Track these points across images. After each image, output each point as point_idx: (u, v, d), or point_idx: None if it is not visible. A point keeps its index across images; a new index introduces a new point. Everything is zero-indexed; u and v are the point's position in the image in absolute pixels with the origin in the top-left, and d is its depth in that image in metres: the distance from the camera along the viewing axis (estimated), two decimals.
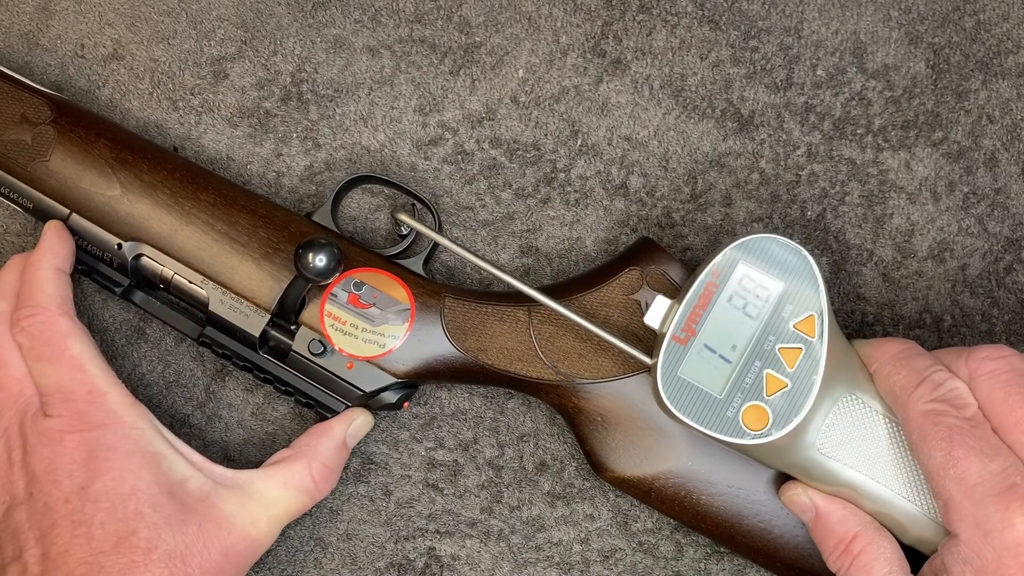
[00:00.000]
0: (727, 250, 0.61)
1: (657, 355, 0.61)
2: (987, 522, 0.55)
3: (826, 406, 0.61)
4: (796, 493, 0.63)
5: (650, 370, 0.62)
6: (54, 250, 0.66)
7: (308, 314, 0.66)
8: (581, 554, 0.70)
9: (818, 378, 0.60)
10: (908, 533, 0.62)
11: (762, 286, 0.61)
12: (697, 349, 0.61)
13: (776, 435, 0.60)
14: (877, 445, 0.61)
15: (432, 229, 0.67)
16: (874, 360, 0.62)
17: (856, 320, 0.71)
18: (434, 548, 0.70)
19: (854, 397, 0.61)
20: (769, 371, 0.60)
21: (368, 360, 0.66)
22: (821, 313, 0.61)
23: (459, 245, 0.66)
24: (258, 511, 0.64)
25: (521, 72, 0.73)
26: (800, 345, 0.60)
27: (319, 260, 0.62)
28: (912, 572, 0.61)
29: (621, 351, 0.64)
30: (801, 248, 0.61)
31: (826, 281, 0.63)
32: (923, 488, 0.61)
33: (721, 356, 0.61)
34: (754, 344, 0.61)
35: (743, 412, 0.60)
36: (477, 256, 0.66)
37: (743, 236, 0.62)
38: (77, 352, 0.63)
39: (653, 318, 0.63)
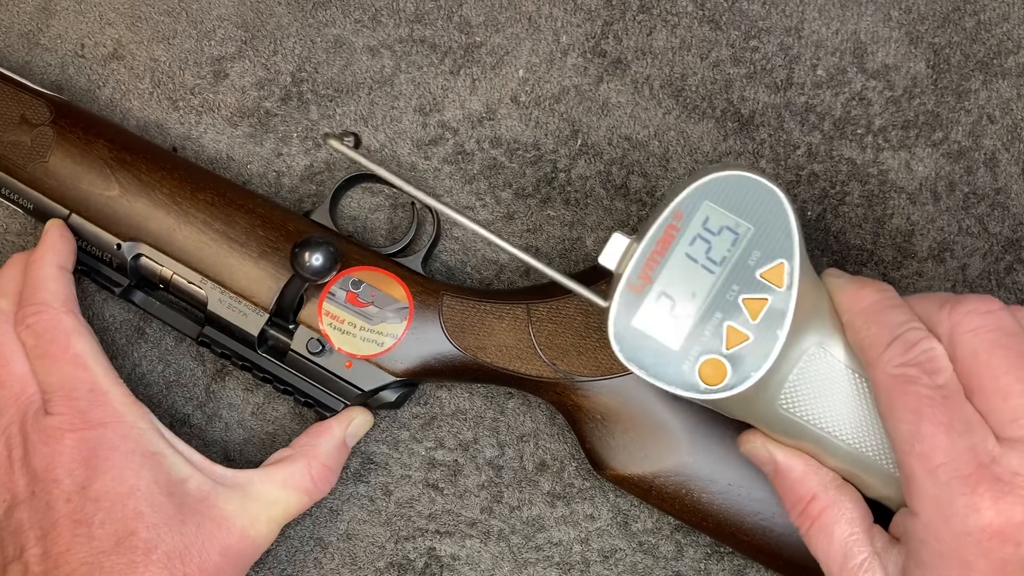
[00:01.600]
0: (691, 188, 0.57)
1: (611, 299, 0.57)
2: (950, 506, 0.52)
3: (791, 360, 0.57)
4: (755, 446, 0.60)
5: (603, 314, 0.58)
6: (56, 248, 0.66)
7: (306, 313, 0.66)
8: (581, 554, 0.70)
9: (783, 332, 0.56)
10: (873, 490, 0.59)
11: (728, 229, 0.57)
12: (653, 297, 0.57)
13: (733, 391, 0.56)
14: (844, 402, 0.57)
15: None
16: (845, 310, 0.58)
17: None
18: (434, 548, 0.70)
19: (822, 351, 0.57)
20: (730, 323, 0.56)
21: (366, 359, 0.66)
22: (792, 260, 0.56)
23: (412, 186, 0.62)
24: (257, 511, 0.64)
25: (521, 72, 0.73)
26: (766, 296, 0.56)
27: (315, 259, 0.62)
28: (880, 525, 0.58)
29: (574, 292, 0.60)
30: (775, 188, 0.57)
31: (801, 225, 0.58)
32: (891, 448, 0.57)
33: (679, 305, 0.57)
34: (716, 293, 0.57)
35: (700, 366, 0.57)
36: (433, 199, 0.62)
37: (711, 172, 0.57)
38: (80, 350, 0.64)
39: (609, 258, 0.59)
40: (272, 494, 0.65)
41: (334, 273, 0.64)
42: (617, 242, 0.58)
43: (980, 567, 0.51)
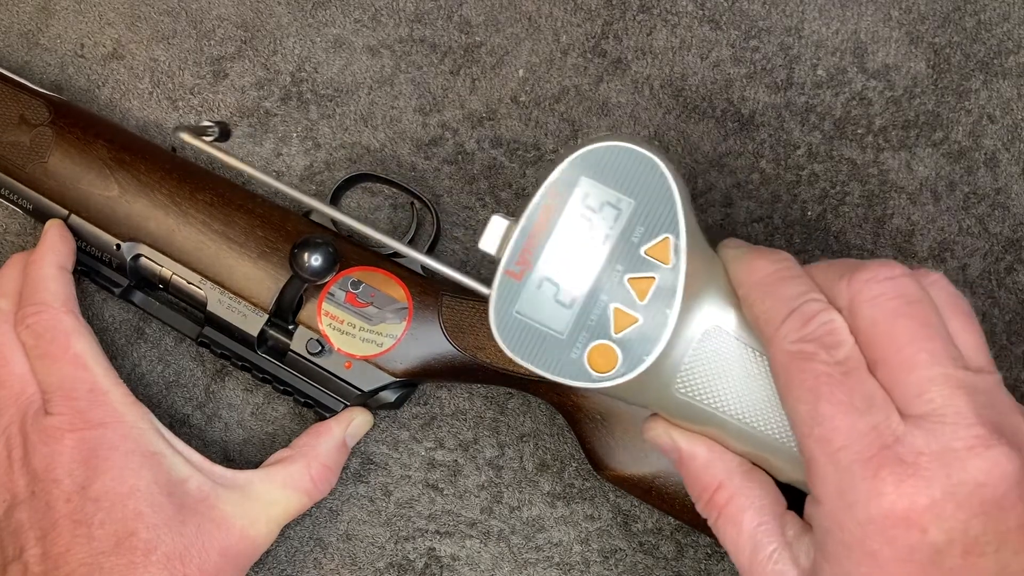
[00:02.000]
0: (565, 164, 0.53)
1: (492, 288, 0.54)
2: (852, 492, 0.48)
3: (685, 341, 0.54)
4: (657, 433, 0.57)
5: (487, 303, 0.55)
6: (56, 248, 0.66)
7: (306, 313, 0.66)
8: (581, 554, 0.70)
9: (673, 312, 0.53)
10: (783, 474, 0.55)
11: (609, 205, 0.53)
12: (535, 283, 0.53)
13: (626, 377, 0.53)
14: (745, 383, 0.54)
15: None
16: (740, 283, 0.54)
17: None
18: (434, 548, 0.70)
19: (718, 329, 0.54)
20: (617, 305, 0.53)
21: (366, 359, 0.66)
22: (677, 235, 0.53)
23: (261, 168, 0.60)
24: (257, 511, 0.64)
25: (521, 72, 0.73)
26: (652, 274, 0.53)
27: (314, 260, 0.62)
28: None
29: (458, 283, 0.57)
30: (654, 157, 0.53)
31: (686, 195, 0.54)
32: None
33: (563, 289, 0.53)
34: (599, 275, 0.53)
35: (588, 352, 0.53)
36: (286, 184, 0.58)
37: (586, 145, 0.53)
38: (80, 350, 0.63)
39: (488, 242, 0.55)
40: (272, 494, 0.65)
41: (333, 274, 0.63)
42: (496, 225, 0.55)
43: (885, 556, 0.48)
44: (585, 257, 0.53)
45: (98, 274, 0.69)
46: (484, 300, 0.58)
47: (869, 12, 0.72)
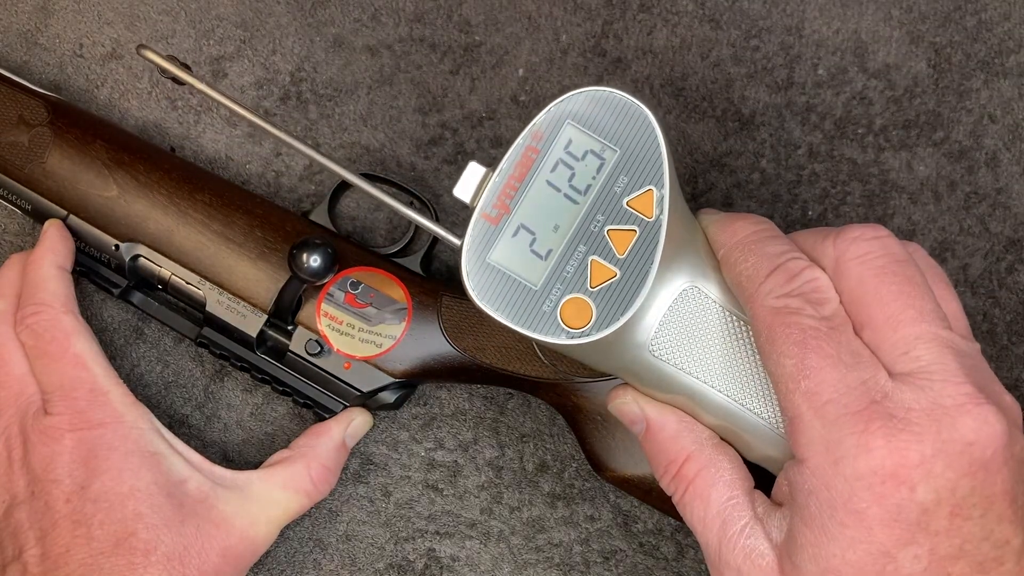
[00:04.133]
0: (551, 107, 0.52)
1: (463, 235, 0.52)
2: (839, 447, 0.47)
3: (662, 300, 0.53)
4: (625, 402, 0.56)
5: (456, 254, 0.53)
6: (56, 248, 0.66)
7: (305, 314, 0.66)
8: (582, 555, 0.70)
9: (653, 268, 0.51)
10: (753, 450, 0.54)
11: (593, 153, 0.52)
12: (512, 230, 0.52)
13: (599, 334, 0.51)
14: (721, 347, 0.53)
15: (205, 84, 0.58)
16: (721, 245, 0.53)
17: None
18: (434, 549, 0.70)
19: (696, 290, 0.53)
20: (595, 258, 0.51)
21: (365, 360, 0.66)
22: (662, 187, 0.51)
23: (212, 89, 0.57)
24: (257, 512, 0.64)
25: (521, 71, 0.73)
26: (634, 227, 0.51)
27: (313, 260, 0.62)
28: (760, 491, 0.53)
29: (432, 233, 0.55)
30: (642, 106, 0.52)
31: (671, 147, 0.53)
32: (772, 399, 0.53)
33: (540, 239, 0.52)
34: (579, 224, 0.52)
35: (562, 306, 0.51)
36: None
37: (571, 90, 0.52)
38: (80, 350, 0.63)
39: (464, 190, 0.53)
40: (272, 495, 0.65)
41: (332, 274, 0.63)
42: (473, 171, 0.53)
43: (873, 515, 0.47)
44: (565, 206, 0.52)
45: (97, 274, 0.69)
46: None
47: (870, 11, 0.72)
